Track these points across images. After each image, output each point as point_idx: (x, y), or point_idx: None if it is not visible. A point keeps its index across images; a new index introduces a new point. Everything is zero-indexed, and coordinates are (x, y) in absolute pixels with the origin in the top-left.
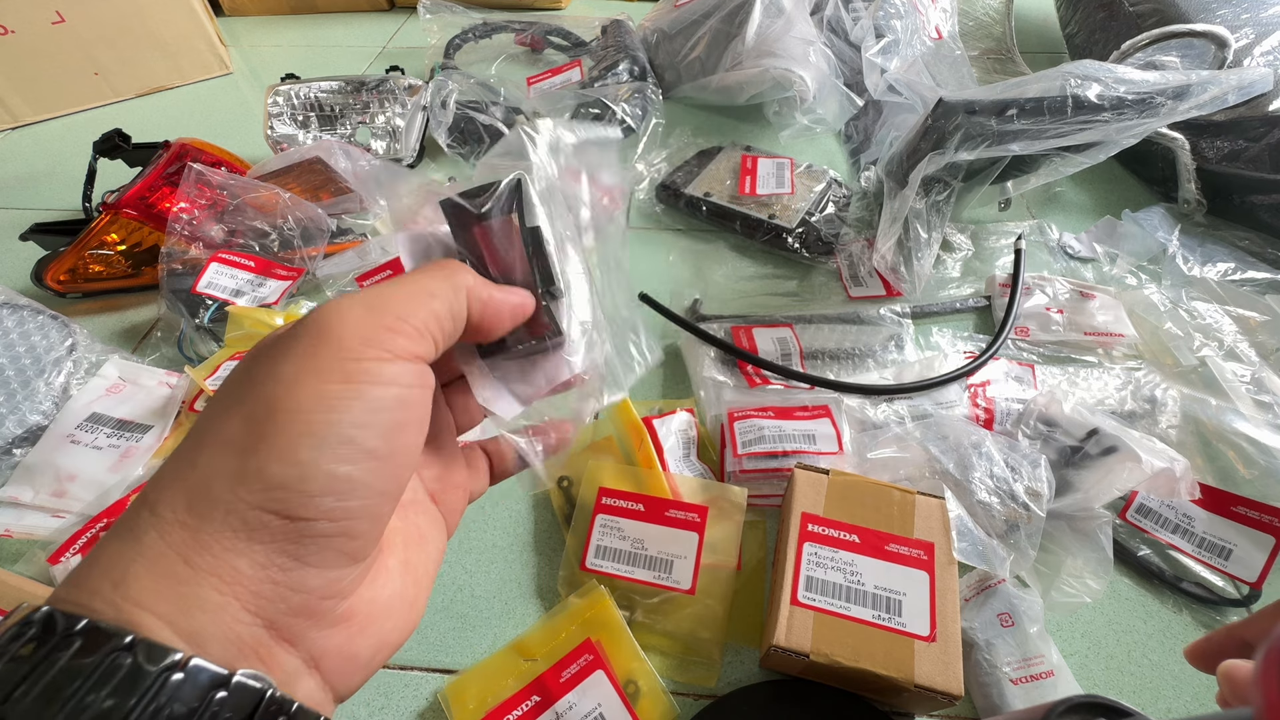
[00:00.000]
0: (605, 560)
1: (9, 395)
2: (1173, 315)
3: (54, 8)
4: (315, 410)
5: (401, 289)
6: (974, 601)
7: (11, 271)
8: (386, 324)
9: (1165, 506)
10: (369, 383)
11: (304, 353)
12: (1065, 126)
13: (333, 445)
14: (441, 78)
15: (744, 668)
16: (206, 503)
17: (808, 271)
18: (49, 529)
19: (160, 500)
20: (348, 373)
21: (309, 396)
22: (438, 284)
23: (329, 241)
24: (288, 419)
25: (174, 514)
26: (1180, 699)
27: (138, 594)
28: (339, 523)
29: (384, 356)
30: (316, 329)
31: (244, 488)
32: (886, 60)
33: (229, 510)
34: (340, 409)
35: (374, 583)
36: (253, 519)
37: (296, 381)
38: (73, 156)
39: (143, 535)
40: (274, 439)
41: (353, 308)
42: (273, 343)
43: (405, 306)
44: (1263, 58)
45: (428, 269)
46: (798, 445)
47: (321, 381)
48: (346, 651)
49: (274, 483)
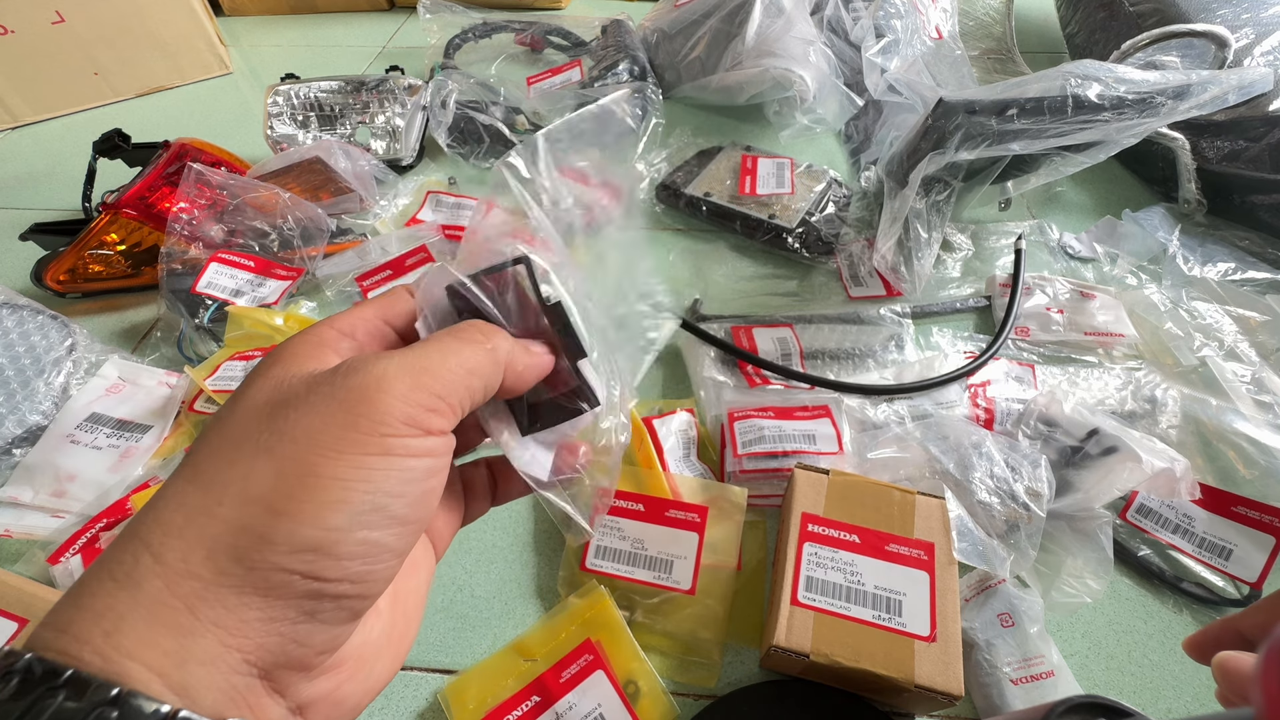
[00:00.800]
0: (605, 560)
1: (9, 395)
2: (1173, 315)
3: (54, 8)
4: (353, 480)
5: (446, 363)
6: (974, 602)
7: (11, 271)
8: (429, 404)
9: (1165, 506)
10: (405, 455)
11: (344, 421)
12: (1065, 126)
13: (366, 513)
14: (441, 78)
15: (744, 668)
16: (229, 558)
17: (808, 271)
18: (49, 529)
19: (167, 547)
20: (387, 446)
21: (348, 466)
22: (480, 360)
23: (329, 241)
24: (324, 485)
25: (186, 565)
26: (1180, 699)
27: (131, 645)
28: (360, 584)
29: (421, 434)
30: (360, 394)
31: (273, 549)
32: (886, 60)
33: (252, 568)
34: (377, 480)
35: (364, 626)
36: (277, 579)
37: (335, 449)
38: (73, 156)
39: (144, 582)
40: (308, 503)
41: (399, 378)
42: (306, 392)
43: (448, 385)
44: (1263, 58)
45: (469, 335)
46: (798, 445)
47: (361, 452)
48: (334, 698)
49: (306, 545)
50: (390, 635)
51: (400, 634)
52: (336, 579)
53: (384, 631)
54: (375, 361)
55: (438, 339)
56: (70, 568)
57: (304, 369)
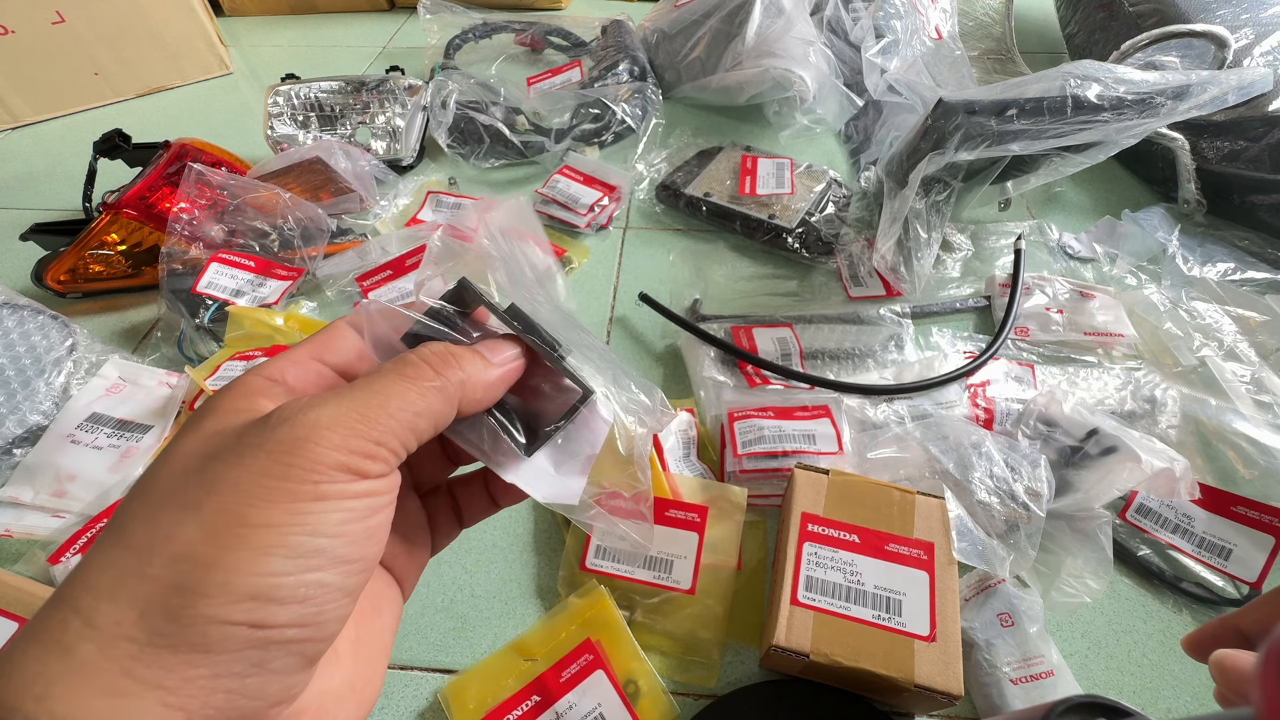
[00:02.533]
0: (605, 560)
1: (9, 395)
2: (1173, 315)
3: (54, 8)
4: (288, 524)
5: (387, 406)
6: (974, 601)
7: (11, 271)
8: (364, 451)
9: (1165, 506)
10: (341, 499)
11: (275, 472)
12: (1065, 126)
13: (306, 555)
14: (441, 78)
15: (744, 668)
16: (162, 616)
17: (808, 271)
18: (49, 529)
19: (98, 610)
20: (321, 493)
21: (281, 512)
22: (428, 402)
23: (329, 241)
24: (256, 532)
25: (119, 627)
26: (1180, 699)
27: (64, 710)
28: (308, 627)
29: (356, 479)
30: (289, 444)
31: (208, 601)
32: (886, 60)
33: (189, 625)
34: (313, 523)
35: (323, 674)
36: (217, 633)
37: (265, 498)
38: (73, 156)
39: (74, 647)
40: (241, 550)
41: (331, 428)
42: (235, 443)
43: (387, 430)
44: (1263, 58)
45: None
46: (798, 445)
47: (293, 499)
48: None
49: (244, 594)
50: (354, 682)
51: (365, 680)
52: (282, 624)
53: (346, 679)
54: (307, 409)
55: (379, 379)
56: (70, 568)
57: (234, 421)
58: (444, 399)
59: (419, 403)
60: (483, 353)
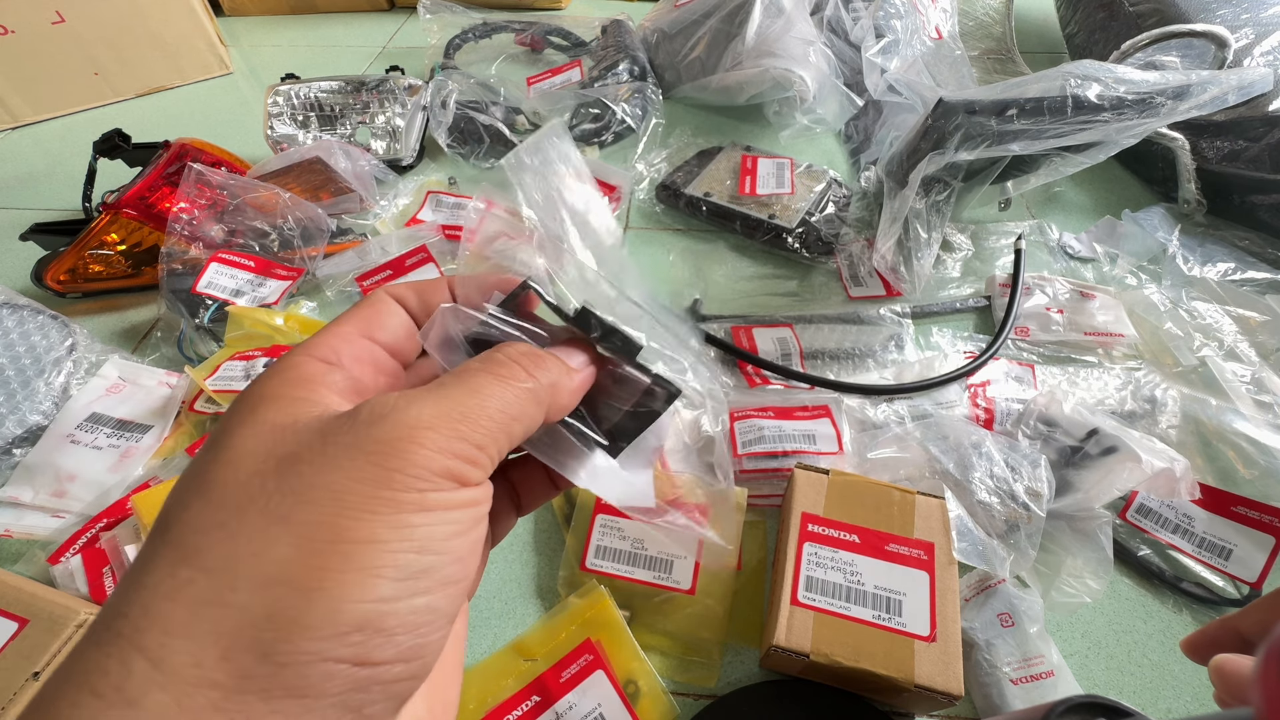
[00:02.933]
0: (605, 560)
1: (9, 395)
2: (1173, 315)
3: (54, 8)
4: (393, 540)
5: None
6: (974, 601)
7: (11, 271)
8: (467, 455)
9: (1165, 506)
10: (448, 508)
11: (375, 478)
12: (1065, 126)
13: (414, 576)
14: (441, 78)
15: (744, 668)
16: (254, 656)
17: (808, 271)
18: (49, 529)
19: (170, 649)
20: (426, 503)
21: (385, 526)
22: (524, 407)
23: (329, 241)
24: (360, 550)
25: (199, 670)
26: (1180, 699)
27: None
28: (413, 663)
29: (458, 487)
30: (390, 446)
31: (309, 635)
32: (886, 60)
33: (285, 664)
34: (420, 539)
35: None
36: (318, 672)
37: (367, 509)
38: (73, 156)
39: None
40: (347, 573)
41: (434, 427)
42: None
43: (488, 433)
44: (1263, 58)
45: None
46: (798, 445)
47: (397, 510)
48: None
49: (351, 624)
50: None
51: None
52: (389, 660)
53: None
54: (405, 407)
55: (471, 376)
56: (70, 568)
57: (302, 414)
58: (536, 402)
59: (515, 405)
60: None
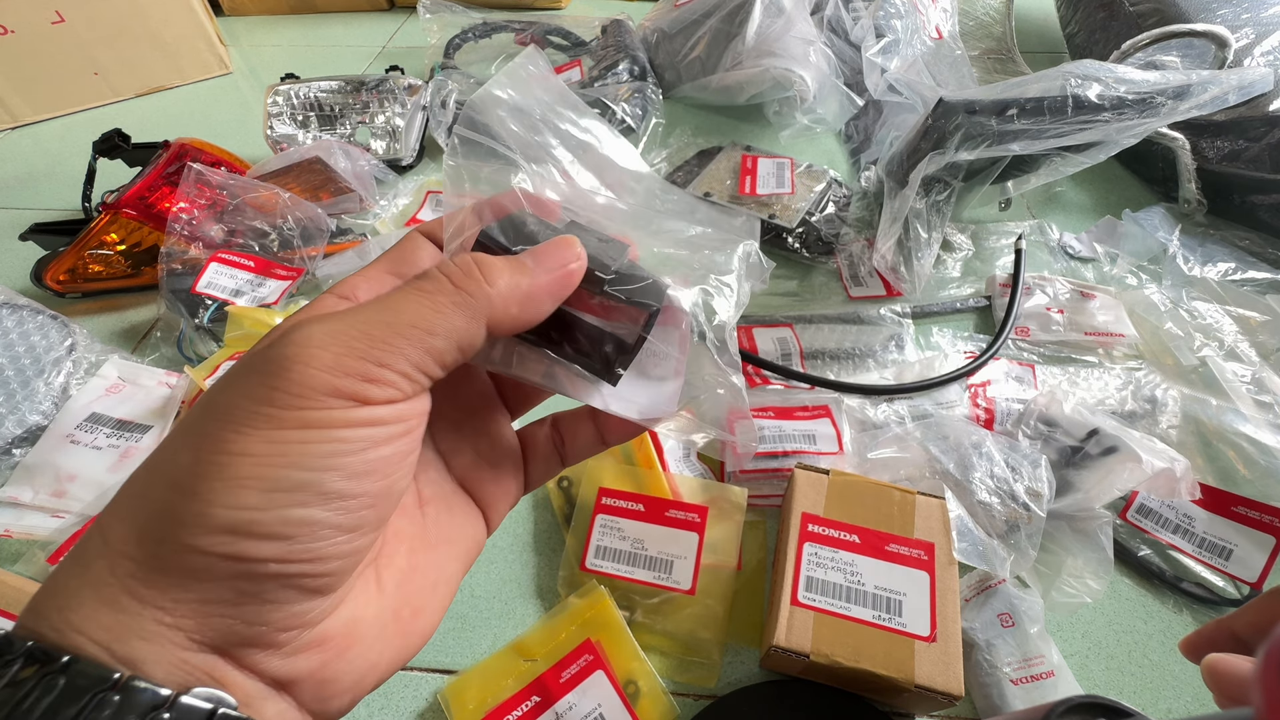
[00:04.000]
0: (605, 560)
1: (9, 395)
2: (1173, 315)
3: (54, 8)
4: (266, 455)
5: (390, 321)
6: (974, 602)
7: (11, 271)
8: (362, 372)
9: (1165, 507)
10: (331, 427)
11: (260, 395)
12: (1065, 126)
13: (286, 490)
14: (441, 77)
15: (744, 668)
16: (152, 540)
17: (808, 271)
18: (49, 529)
19: (111, 529)
20: (304, 420)
21: (260, 442)
22: (443, 316)
23: (329, 241)
24: (234, 462)
25: (123, 546)
26: (1180, 699)
27: (79, 621)
28: (297, 563)
29: (355, 405)
30: (278, 365)
31: (188, 531)
32: (887, 60)
33: (174, 550)
34: (295, 455)
35: (354, 602)
36: (197, 561)
37: (248, 423)
38: (73, 156)
39: (92, 563)
40: (216, 481)
41: (323, 348)
42: (235, 373)
43: (389, 350)
44: (1263, 58)
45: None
46: (798, 445)
47: (276, 427)
48: (321, 676)
49: (219, 526)
50: (398, 613)
51: (412, 612)
52: (264, 558)
53: (387, 609)
54: (305, 327)
55: (393, 293)
56: None
57: None
58: (467, 315)
59: (434, 319)
60: (526, 261)
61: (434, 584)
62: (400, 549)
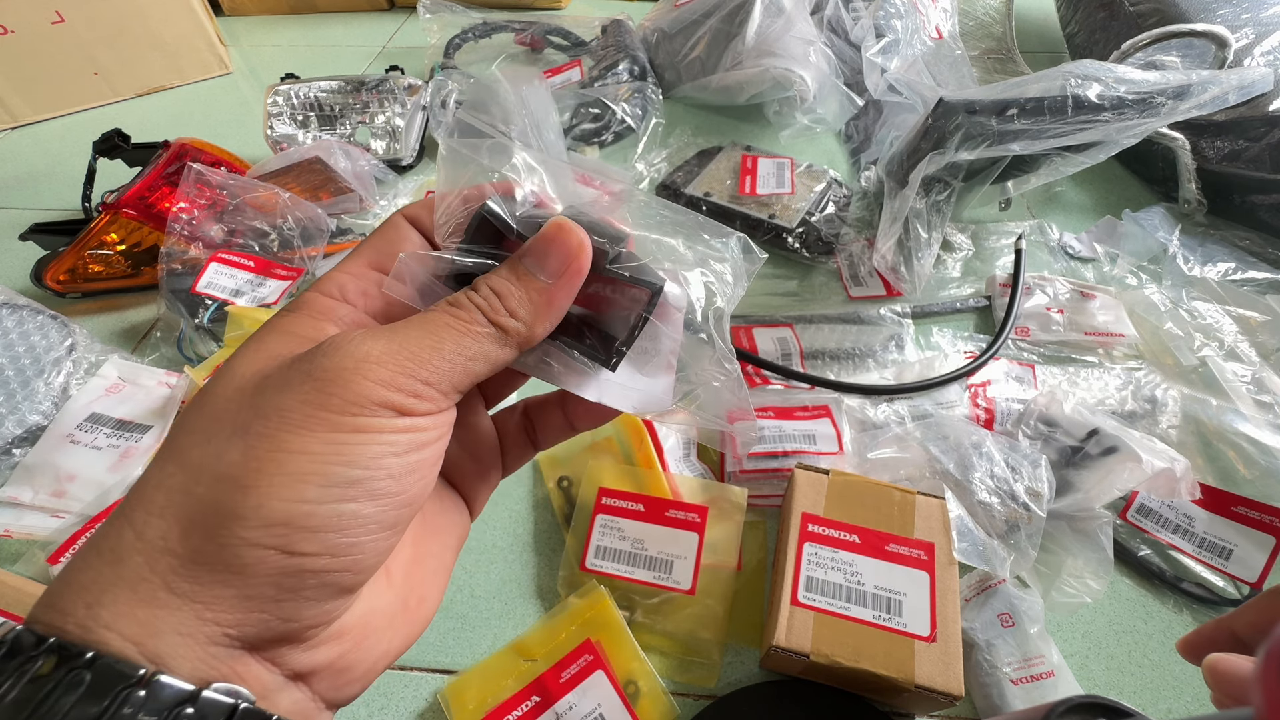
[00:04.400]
0: (605, 560)
1: (9, 395)
2: (1173, 315)
3: (54, 8)
4: (324, 453)
5: (438, 347)
6: (974, 602)
7: (11, 271)
8: (412, 390)
9: (1166, 507)
10: (381, 432)
11: (316, 401)
12: (1065, 126)
13: (341, 485)
14: (441, 77)
15: (744, 668)
16: (201, 535)
17: (808, 271)
18: (49, 529)
19: (149, 524)
20: (360, 425)
21: (318, 441)
22: (483, 349)
23: (329, 241)
24: (292, 459)
25: (165, 542)
26: (1180, 699)
27: (110, 617)
28: (342, 558)
29: (399, 415)
30: (335, 374)
31: (242, 524)
32: (887, 60)
33: (224, 545)
34: (350, 454)
35: (370, 594)
36: (250, 555)
37: (305, 426)
38: (72, 156)
39: (126, 558)
40: (276, 476)
41: (381, 364)
42: (282, 376)
43: (436, 374)
44: (1263, 58)
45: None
46: (798, 445)
47: (332, 429)
48: (338, 665)
49: (276, 519)
50: (406, 602)
51: (419, 598)
52: (313, 553)
53: (397, 599)
54: (359, 342)
55: (431, 319)
56: None
57: (294, 346)
58: (498, 345)
59: (473, 348)
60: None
61: (434, 571)
62: (406, 541)
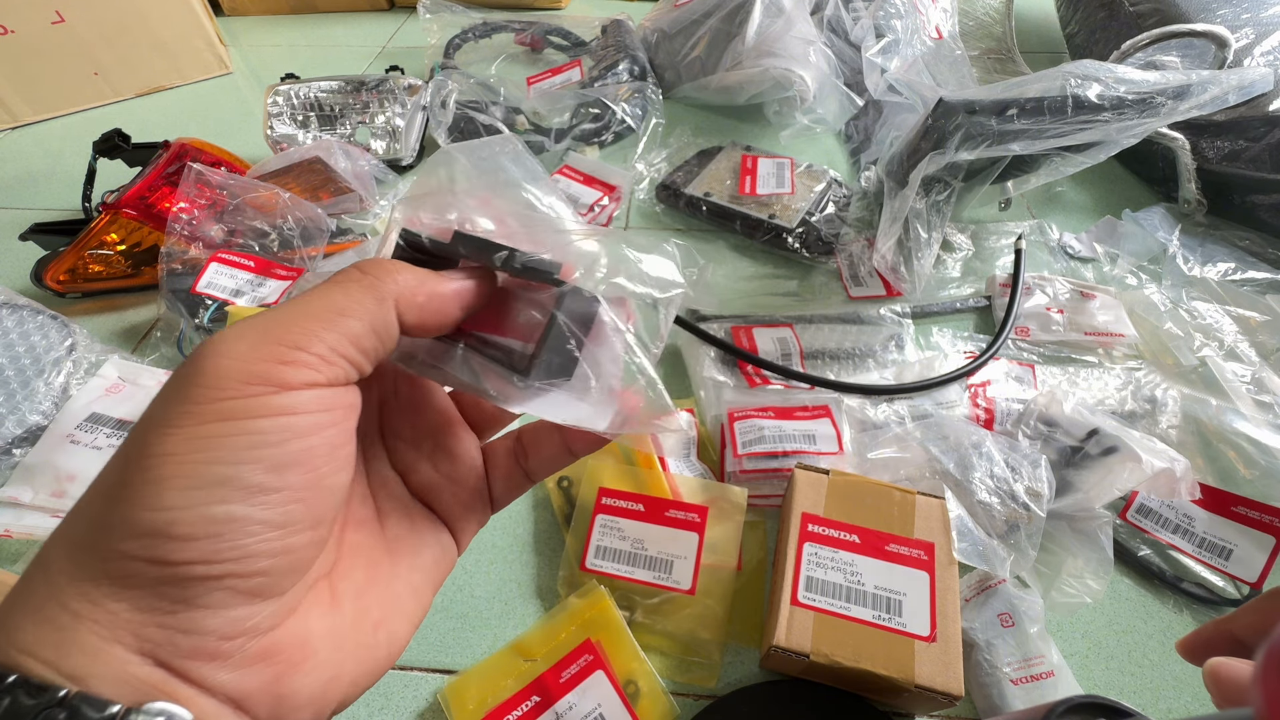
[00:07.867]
0: (605, 560)
1: (9, 395)
2: (1173, 315)
3: (54, 8)
4: (186, 453)
5: (303, 309)
6: (974, 602)
7: (11, 271)
8: (277, 356)
9: (1165, 507)
10: (249, 418)
11: (179, 396)
12: (1065, 126)
13: (206, 487)
14: (441, 77)
15: (744, 668)
16: (81, 551)
17: (808, 271)
18: (48, 529)
19: (48, 549)
20: (223, 412)
21: (180, 440)
22: (353, 299)
23: (328, 241)
24: (155, 463)
25: (58, 563)
26: (1180, 699)
27: (22, 640)
28: (224, 563)
29: (273, 390)
30: (194, 368)
31: (111, 535)
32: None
33: (102, 558)
34: (212, 449)
35: (306, 614)
36: (123, 567)
37: (169, 424)
38: (73, 156)
39: (32, 583)
40: (140, 485)
41: (239, 340)
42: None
43: (303, 333)
44: (1263, 58)
45: (345, 277)
46: (798, 445)
47: (196, 423)
48: (275, 691)
49: (140, 529)
50: (357, 625)
51: (375, 626)
52: (185, 561)
53: (343, 622)
54: (223, 332)
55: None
56: None
57: None
58: (375, 297)
59: (344, 301)
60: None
61: (396, 595)
62: (358, 563)
